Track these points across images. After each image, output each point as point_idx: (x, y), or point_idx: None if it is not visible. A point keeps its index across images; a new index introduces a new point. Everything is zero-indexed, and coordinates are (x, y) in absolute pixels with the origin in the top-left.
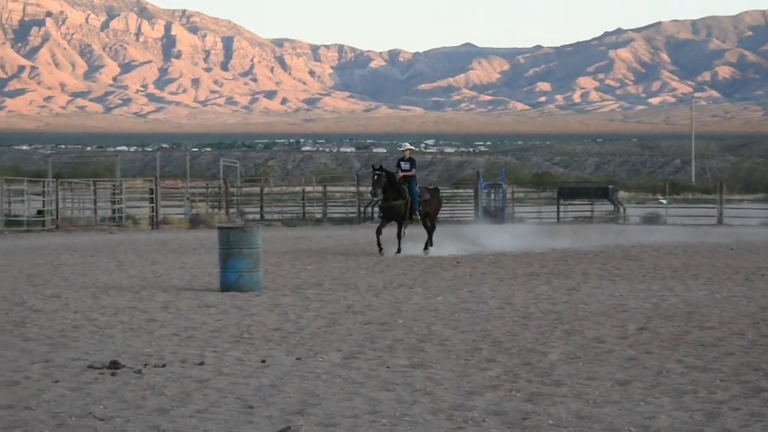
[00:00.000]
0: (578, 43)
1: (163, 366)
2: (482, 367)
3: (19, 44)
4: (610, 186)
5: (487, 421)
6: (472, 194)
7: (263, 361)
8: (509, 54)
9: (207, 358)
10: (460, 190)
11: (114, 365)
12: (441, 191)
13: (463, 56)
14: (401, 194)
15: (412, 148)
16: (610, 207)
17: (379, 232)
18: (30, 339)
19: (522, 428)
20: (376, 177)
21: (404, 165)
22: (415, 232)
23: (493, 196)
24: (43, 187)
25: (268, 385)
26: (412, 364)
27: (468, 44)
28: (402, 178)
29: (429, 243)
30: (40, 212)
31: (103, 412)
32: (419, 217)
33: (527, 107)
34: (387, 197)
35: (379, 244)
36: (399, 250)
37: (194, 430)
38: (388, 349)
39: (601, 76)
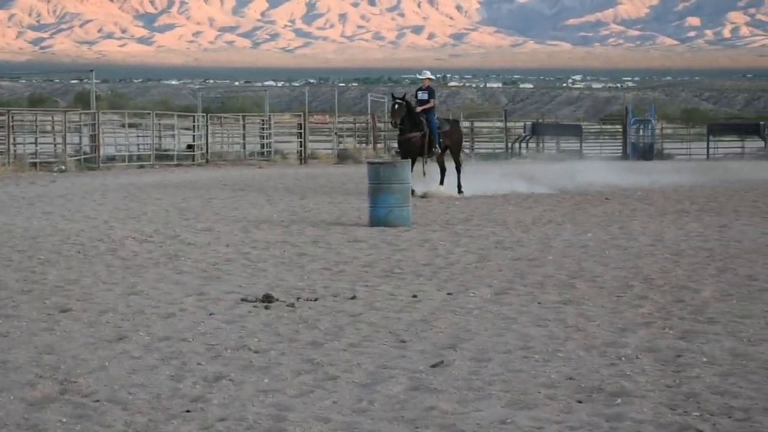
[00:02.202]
0: None
1: (316, 300)
2: (634, 304)
3: None
4: (762, 122)
5: (641, 358)
6: (620, 130)
7: (414, 296)
8: None
9: (359, 292)
10: (608, 126)
11: (267, 299)
12: (585, 128)
13: None
14: (418, 126)
15: (432, 77)
16: (762, 144)
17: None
18: (184, 272)
19: (676, 365)
20: (396, 106)
21: (421, 95)
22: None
23: (642, 132)
24: (193, 121)
25: (419, 320)
26: (563, 301)
27: None
28: (421, 110)
29: (442, 182)
30: (189, 146)
31: (257, 345)
32: (439, 151)
33: (676, 42)
34: (403, 130)
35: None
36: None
37: (348, 364)
38: (538, 285)
39: (752, 10)
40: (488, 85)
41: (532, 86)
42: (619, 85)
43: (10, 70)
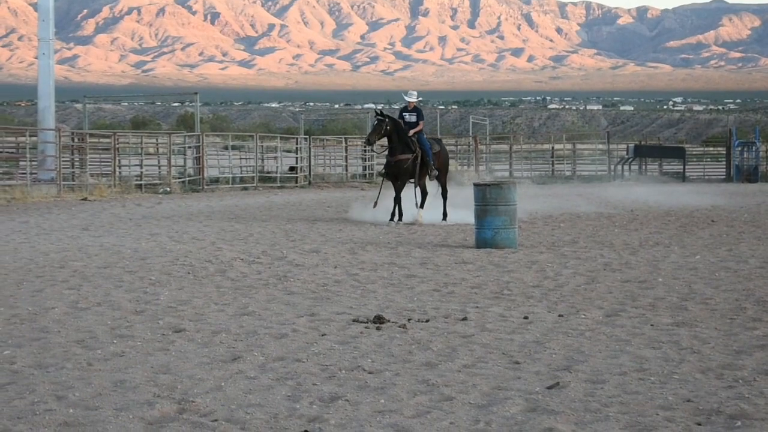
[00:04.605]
0: None
1: (427, 321)
2: (748, 326)
3: (269, 3)
4: None
5: (758, 381)
6: (724, 153)
7: (526, 318)
8: (761, 10)
9: (469, 313)
10: (711, 149)
11: (378, 320)
12: (687, 150)
13: (713, 12)
14: (409, 147)
15: (420, 98)
16: None
17: (397, 195)
18: (294, 293)
19: None
20: (376, 122)
21: (409, 116)
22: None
23: (746, 154)
24: (296, 144)
25: (532, 342)
26: (676, 323)
27: (718, 0)
28: (412, 133)
29: (422, 206)
30: (292, 169)
31: (371, 366)
32: (437, 173)
33: None
34: (394, 151)
35: (398, 211)
36: (398, 217)
37: (463, 385)
38: (650, 307)
39: None
40: (588, 107)
41: (632, 108)
42: (720, 107)
43: (113, 93)
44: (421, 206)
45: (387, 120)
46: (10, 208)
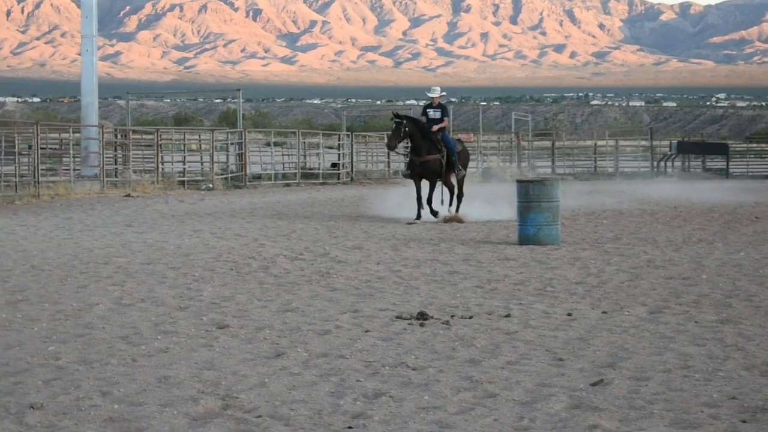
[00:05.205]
0: None
1: (470, 318)
2: None
3: None
4: None
5: None
6: (767, 149)
7: (569, 315)
8: None
9: (513, 310)
10: (754, 145)
11: (422, 316)
12: (731, 146)
13: (757, 8)
14: (436, 147)
15: (443, 94)
16: None
17: (420, 195)
18: (337, 289)
19: None
20: (394, 126)
21: (433, 113)
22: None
23: None
24: (338, 140)
25: (576, 338)
26: (720, 320)
27: None
28: (437, 129)
29: (451, 203)
30: (334, 165)
31: (415, 362)
32: (464, 173)
33: None
34: (419, 151)
35: (421, 207)
36: (436, 213)
37: (507, 381)
38: (694, 304)
39: None
40: (631, 103)
41: (675, 105)
42: (764, 103)
43: (156, 89)
44: (450, 205)
45: (404, 121)
46: (54, 204)
